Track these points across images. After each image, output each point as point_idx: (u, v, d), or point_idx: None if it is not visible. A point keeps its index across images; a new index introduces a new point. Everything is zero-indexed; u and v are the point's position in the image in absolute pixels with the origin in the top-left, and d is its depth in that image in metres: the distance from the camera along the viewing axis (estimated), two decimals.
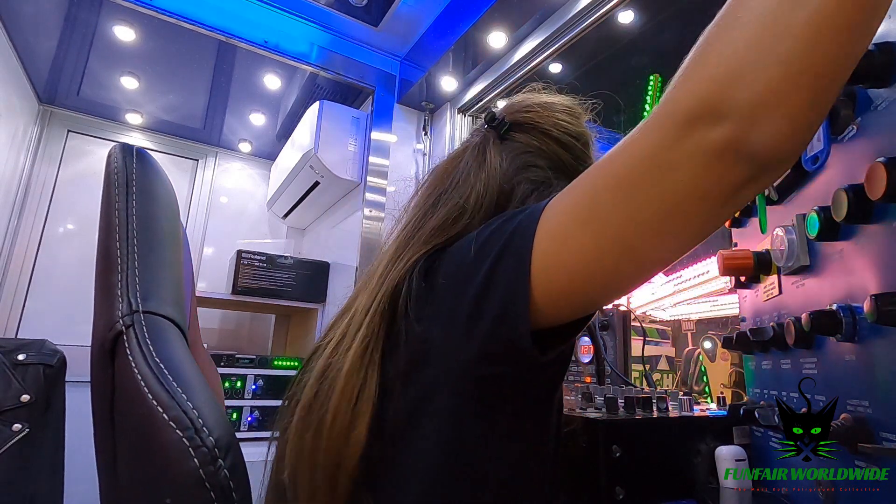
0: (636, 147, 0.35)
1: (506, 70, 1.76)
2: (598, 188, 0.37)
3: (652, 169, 0.33)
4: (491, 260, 0.42)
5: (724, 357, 1.13)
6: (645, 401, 0.75)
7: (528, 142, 0.62)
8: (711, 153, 0.30)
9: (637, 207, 0.34)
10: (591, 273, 0.38)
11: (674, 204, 0.33)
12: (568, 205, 0.40)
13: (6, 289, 2.26)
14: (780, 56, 0.28)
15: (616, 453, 0.65)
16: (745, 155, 0.30)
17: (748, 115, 0.29)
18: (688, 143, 0.31)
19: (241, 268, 2.19)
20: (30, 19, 1.89)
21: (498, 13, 1.54)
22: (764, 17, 0.29)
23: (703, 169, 0.31)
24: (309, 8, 1.83)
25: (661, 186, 0.33)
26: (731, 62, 0.30)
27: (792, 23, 0.28)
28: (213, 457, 0.35)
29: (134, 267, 0.45)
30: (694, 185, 0.32)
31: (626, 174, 0.35)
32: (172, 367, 0.39)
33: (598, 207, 0.37)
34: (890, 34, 0.48)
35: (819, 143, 0.54)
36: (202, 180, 2.79)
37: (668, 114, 0.33)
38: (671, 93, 0.33)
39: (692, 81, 0.32)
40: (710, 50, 0.32)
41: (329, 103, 2.11)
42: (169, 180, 0.58)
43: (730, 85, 0.30)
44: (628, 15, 1.63)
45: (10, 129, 2.16)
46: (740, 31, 0.30)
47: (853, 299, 0.52)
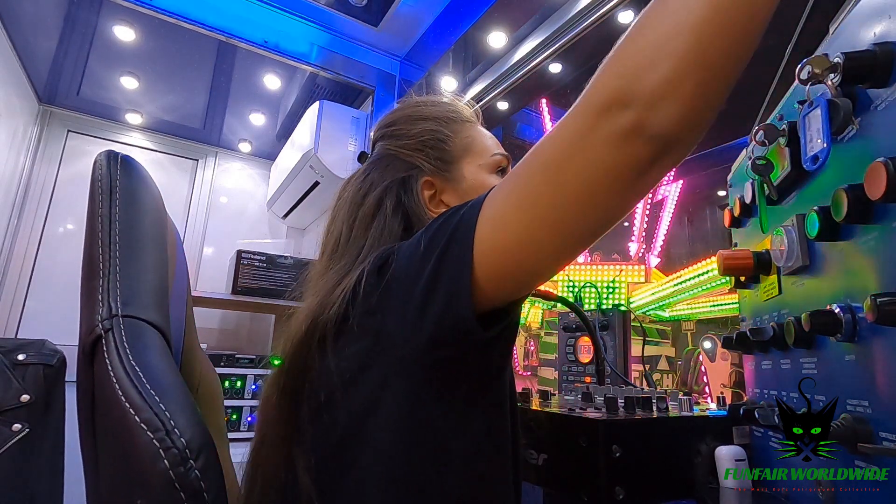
0: (561, 134, 0.40)
1: (506, 70, 1.77)
2: (530, 173, 0.42)
3: (574, 152, 0.39)
4: (438, 252, 0.46)
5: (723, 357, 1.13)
6: (645, 401, 0.75)
7: (382, 151, 0.69)
8: (621, 136, 0.36)
9: (563, 187, 0.40)
10: (527, 252, 0.43)
11: (593, 182, 0.39)
12: (505, 191, 0.44)
13: (6, 289, 2.26)
14: (673, 53, 0.35)
15: (616, 453, 0.65)
16: (649, 137, 0.36)
17: (649, 103, 0.35)
18: (602, 128, 0.37)
19: (240, 268, 2.19)
20: (30, 19, 1.89)
21: (498, 13, 1.54)
22: (662, 23, 0.36)
23: (615, 149, 0.37)
24: (309, 8, 1.83)
25: (582, 166, 0.38)
26: (635, 59, 0.36)
27: (682, 27, 0.35)
28: (184, 458, 0.35)
29: (115, 272, 0.45)
30: (608, 163, 0.37)
31: (553, 158, 0.41)
32: (148, 371, 0.40)
33: (530, 190, 0.42)
34: (890, 34, 0.48)
35: (819, 143, 0.54)
36: (202, 180, 2.80)
37: (585, 104, 0.39)
38: (589, 87, 0.39)
39: (605, 76, 0.38)
40: (620, 51, 0.38)
41: (329, 103, 2.11)
42: (155, 186, 0.58)
43: (634, 78, 0.36)
44: (628, 15, 1.63)
45: (10, 129, 2.16)
46: (643, 35, 0.37)
47: (853, 299, 0.52)
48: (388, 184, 0.65)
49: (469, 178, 0.67)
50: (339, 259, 0.60)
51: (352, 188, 0.67)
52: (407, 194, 0.64)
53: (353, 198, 0.65)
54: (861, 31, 0.53)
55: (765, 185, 0.69)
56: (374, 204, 0.63)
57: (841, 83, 0.51)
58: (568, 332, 1.30)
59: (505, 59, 1.77)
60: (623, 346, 1.25)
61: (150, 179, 0.57)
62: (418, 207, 0.63)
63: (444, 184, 0.66)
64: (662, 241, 2.72)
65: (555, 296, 1.15)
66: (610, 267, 2.44)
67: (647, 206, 2.76)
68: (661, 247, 2.74)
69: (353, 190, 0.66)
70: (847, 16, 0.57)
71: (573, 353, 1.27)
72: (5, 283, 2.26)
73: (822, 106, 0.53)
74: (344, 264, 0.58)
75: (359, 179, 0.67)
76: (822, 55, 0.53)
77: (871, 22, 0.51)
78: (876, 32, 0.50)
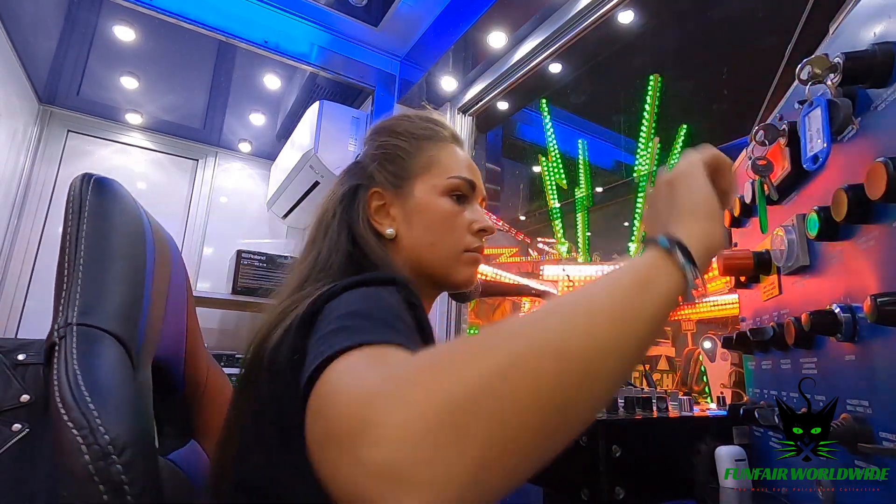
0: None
1: (506, 70, 1.76)
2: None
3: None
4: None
5: (724, 357, 1.13)
6: (645, 401, 0.75)
7: (356, 158, 0.74)
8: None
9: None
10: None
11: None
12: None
13: (6, 289, 2.26)
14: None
15: (616, 453, 0.65)
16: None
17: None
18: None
19: (241, 268, 2.19)
20: (30, 19, 1.89)
21: (498, 13, 1.54)
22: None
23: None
24: (309, 8, 1.83)
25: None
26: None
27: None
28: (106, 454, 0.38)
29: (77, 283, 0.48)
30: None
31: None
32: (89, 374, 0.42)
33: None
34: (890, 34, 0.48)
35: (819, 143, 0.54)
36: (202, 180, 2.79)
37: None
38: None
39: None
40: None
41: (329, 103, 2.11)
42: (132, 204, 0.60)
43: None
44: (628, 15, 1.63)
45: (10, 129, 2.16)
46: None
47: (853, 299, 0.52)
48: (344, 191, 0.67)
49: (418, 197, 0.65)
50: (303, 266, 0.61)
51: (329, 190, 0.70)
52: (352, 202, 0.65)
53: (322, 201, 0.68)
54: (861, 31, 0.53)
55: (765, 185, 0.69)
56: (327, 209, 0.66)
57: (841, 83, 0.51)
58: None
59: (505, 59, 1.77)
60: None
61: (126, 199, 0.59)
62: (356, 215, 0.64)
63: (394, 198, 0.66)
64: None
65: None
66: (610, 267, 2.45)
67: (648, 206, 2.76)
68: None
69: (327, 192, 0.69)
70: (847, 16, 0.57)
71: None
72: (5, 283, 2.26)
73: (822, 106, 0.53)
74: (297, 285, 0.58)
75: (335, 182, 0.71)
76: (822, 55, 0.53)
77: (871, 22, 0.51)
78: (876, 32, 0.50)
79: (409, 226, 0.65)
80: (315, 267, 0.60)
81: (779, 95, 0.74)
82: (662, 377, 1.83)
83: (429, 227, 0.65)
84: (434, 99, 2.07)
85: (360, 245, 0.62)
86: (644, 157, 2.80)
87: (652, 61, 2.66)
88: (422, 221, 0.65)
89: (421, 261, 0.65)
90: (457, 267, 0.65)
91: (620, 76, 2.80)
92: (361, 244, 0.62)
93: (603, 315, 0.32)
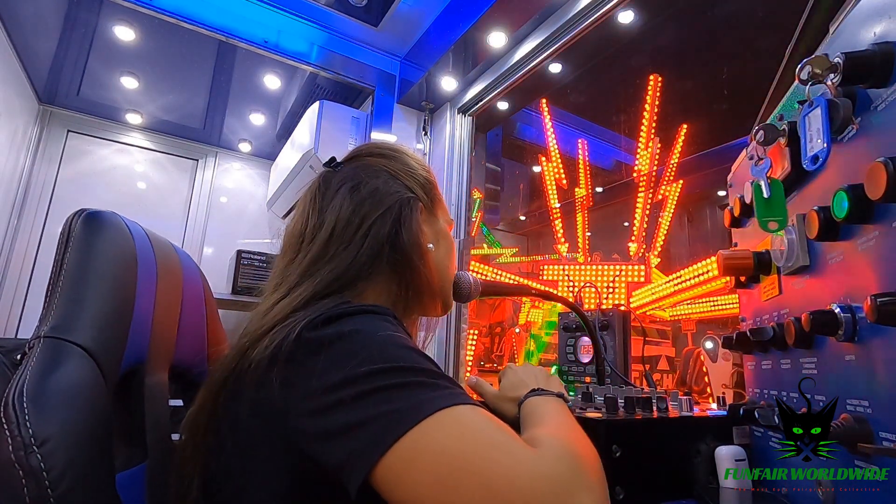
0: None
1: (506, 70, 1.76)
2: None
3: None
4: (376, 399, 0.42)
5: (725, 357, 1.13)
6: (645, 401, 0.75)
7: (376, 165, 0.74)
8: None
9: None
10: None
11: None
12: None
13: (6, 289, 2.26)
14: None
15: (616, 453, 0.65)
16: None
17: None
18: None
19: (240, 268, 2.19)
20: (30, 19, 1.89)
21: (498, 13, 1.54)
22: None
23: None
24: (309, 8, 1.83)
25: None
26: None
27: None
28: (27, 444, 0.44)
29: (54, 304, 0.54)
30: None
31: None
32: (40, 379, 0.48)
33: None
34: (890, 34, 0.48)
35: (819, 143, 0.54)
36: (202, 180, 2.80)
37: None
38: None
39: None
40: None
41: (329, 103, 2.11)
42: (122, 232, 0.65)
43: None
44: (628, 15, 1.63)
45: (10, 129, 2.16)
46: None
47: (853, 299, 0.52)
48: (400, 198, 0.67)
49: (441, 224, 0.75)
50: (323, 268, 0.63)
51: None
52: (402, 210, 0.66)
53: (345, 201, 0.66)
54: (861, 31, 0.53)
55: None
56: (365, 212, 0.64)
57: (841, 83, 0.51)
58: (568, 332, 1.30)
59: (505, 59, 1.76)
60: (623, 346, 1.25)
61: (114, 228, 0.63)
62: (409, 223, 0.66)
63: (428, 216, 0.72)
64: (662, 240, 2.72)
65: (555, 296, 1.15)
66: (610, 267, 2.45)
67: (648, 207, 2.76)
68: (661, 247, 2.74)
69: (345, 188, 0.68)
70: (847, 16, 0.57)
71: (573, 353, 1.27)
72: (5, 283, 2.26)
73: (822, 106, 0.53)
74: (320, 290, 0.61)
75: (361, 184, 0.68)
76: (822, 55, 0.53)
77: (871, 22, 0.51)
78: (876, 32, 0.50)
79: (437, 246, 0.72)
80: (341, 268, 0.60)
81: (779, 95, 0.74)
82: (662, 377, 1.83)
83: (447, 252, 0.75)
84: (434, 99, 2.07)
85: (403, 251, 0.64)
86: (644, 157, 2.80)
87: (652, 61, 2.66)
88: (444, 246, 0.74)
89: (441, 279, 0.72)
90: (450, 294, 0.77)
91: (620, 76, 2.79)
92: (408, 250, 0.64)
93: (572, 421, 0.56)
